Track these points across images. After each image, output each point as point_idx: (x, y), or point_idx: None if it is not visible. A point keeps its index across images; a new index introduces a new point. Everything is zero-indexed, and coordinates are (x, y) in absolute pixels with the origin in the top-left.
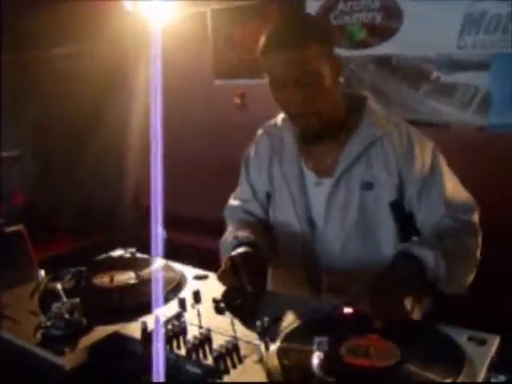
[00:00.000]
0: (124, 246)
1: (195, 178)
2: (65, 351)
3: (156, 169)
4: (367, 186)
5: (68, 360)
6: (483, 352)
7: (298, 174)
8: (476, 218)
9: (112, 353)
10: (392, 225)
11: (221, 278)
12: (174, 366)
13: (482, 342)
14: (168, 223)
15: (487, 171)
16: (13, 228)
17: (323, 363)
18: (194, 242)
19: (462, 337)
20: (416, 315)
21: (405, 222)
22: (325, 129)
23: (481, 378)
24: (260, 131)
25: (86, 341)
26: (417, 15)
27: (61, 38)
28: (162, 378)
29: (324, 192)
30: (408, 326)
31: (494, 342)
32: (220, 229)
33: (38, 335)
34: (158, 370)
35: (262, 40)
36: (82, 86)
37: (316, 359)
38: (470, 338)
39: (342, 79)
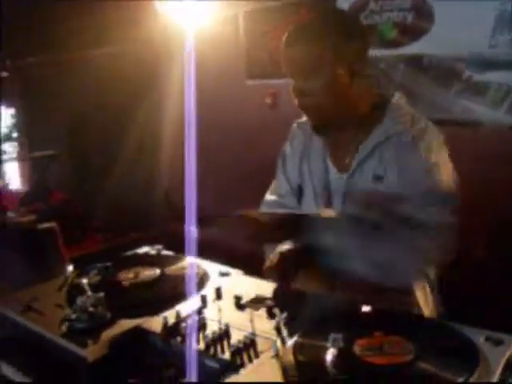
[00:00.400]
0: (155, 244)
1: (227, 178)
2: (88, 343)
3: (190, 168)
4: (378, 178)
5: (91, 352)
6: (499, 352)
7: (322, 169)
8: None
9: (134, 346)
10: None
11: (269, 272)
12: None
13: (499, 342)
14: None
15: None
16: (45, 225)
17: (337, 360)
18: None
19: (478, 337)
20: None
21: None
22: (329, 121)
23: (495, 377)
24: (294, 126)
25: (109, 334)
26: (448, 14)
27: (96, 39)
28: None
29: (341, 187)
30: (423, 323)
31: (511, 342)
32: None
33: (63, 327)
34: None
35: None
36: (116, 86)
37: (330, 356)
38: (487, 339)
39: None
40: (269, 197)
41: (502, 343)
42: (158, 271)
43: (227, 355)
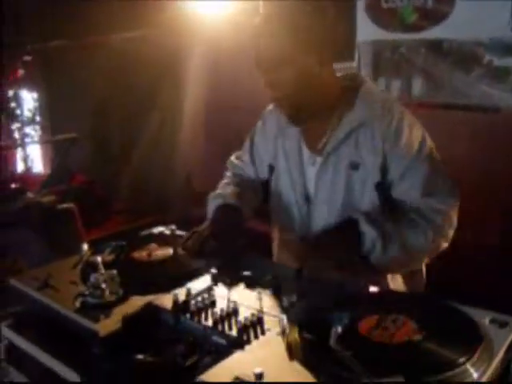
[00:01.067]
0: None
1: None
2: (100, 318)
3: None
4: (354, 166)
5: (102, 327)
6: (503, 333)
7: (297, 151)
8: (450, 210)
9: (145, 322)
10: (377, 205)
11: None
12: (201, 336)
13: (504, 324)
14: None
15: None
16: (64, 205)
17: (341, 337)
18: None
19: (483, 318)
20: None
21: (390, 203)
22: (303, 112)
23: (498, 358)
24: (270, 107)
25: (121, 310)
26: None
27: (118, 24)
28: None
29: (315, 170)
30: (429, 304)
31: None
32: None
33: (77, 303)
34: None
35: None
36: (138, 70)
37: (334, 333)
38: (492, 320)
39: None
40: (234, 159)
41: (507, 325)
42: (170, 250)
43: (234, 332)
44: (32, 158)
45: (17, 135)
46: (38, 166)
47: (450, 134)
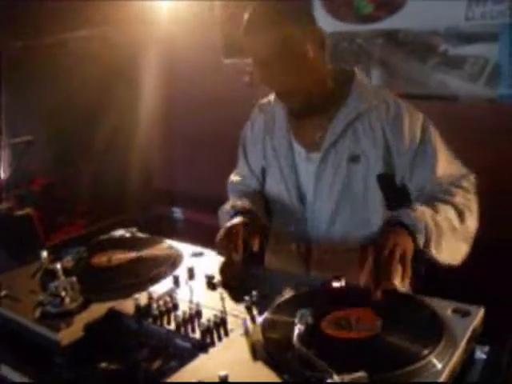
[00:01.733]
0: (134, 226)
1: (206, 156)
2: (61, 327)
3: (171, 149)
4: (354, 159)
5: (64, 336)
6: (465, 323)
7: (287, 149)
8: (469, 185)
9: (108, 329)
10: (380, 198)
11: (219, 246)
12: (165, 340)
13: (466, 314)
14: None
15: (497, 143)
16: (22, 211)
17: (302, 335)
18: (196, 219)
19: (446, 309)
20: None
21: (394, 195)
22: (311, 104)
23: (461, 347)
24: (255, 109)
25: (82, 317)
26: None
27: (74, 23)
28: None
29: (313, 167)
30: (390, 297)
31: (478, 314)
32: None
33: (37, 313)
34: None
35: (244, 22)
36: (92, 70)
37: (296, 331)
38: (454, 310)
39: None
40: (233, 177)
41: (469, 314)
42: (131, 254)
43: (198, 334)
44: None
45: None
46: None
47: None
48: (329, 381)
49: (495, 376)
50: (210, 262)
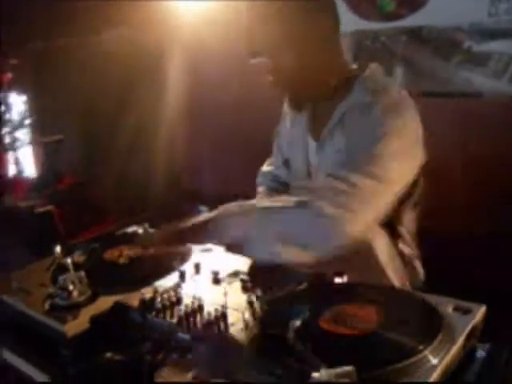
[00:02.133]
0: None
1: (232, 156)
2: (67, 319)
3: (198, 149)
4: (338, 151)
5: (69, 327)
6: (465, 320)
7: (301, 140)
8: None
9: (113, 321)
10: None
11: None
12: (167, 333)
13: (467, 311)
14: (206, 201)
15: None
16: (43, 208)
17: (298, 330)
18: None
19: (446, 306)
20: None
21: None
22: (305, 96)
23: (458, 344)
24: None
25: (89, 310)
26: None
27: (103, 24)
28: None
29: (315, 158)
30: (392, 294)
31: (479, 311)
32: None
33: (46, 305)
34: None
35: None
36: (123, 69)
37: (291, 326)
38: (455, 308)
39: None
40: (265, 167)
41: (470, 312)
42: (140, 249)
43: (198, 328)
44: (23, 161)
45: (7, 139)
46: (31, 169)
47: (433, 120)
48: (315, 374)
49: (493, 374)
50: (218, 257)
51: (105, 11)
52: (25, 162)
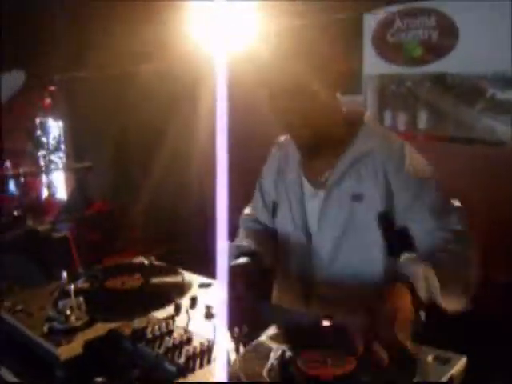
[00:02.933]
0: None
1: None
2: (62, 343)
3: (221, 180)
4: (357, 197)
5: (63, 351)
6: (442, 370)
7: (297, 184)
8: (466, 230)
9: (107, 348)
10: (380, 236)
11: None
12: (154, 363)
13: (446, 361)
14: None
15: None
16: (59, 234)
17: (275, 369)
18: None
19: (427, 354)
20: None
21: (394, 236)
22: (319, 141)
23: None
24: (276, 145)
25: (84, 335)
26: (472, 33)
27: (140, 57)
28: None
29: (318, 203)
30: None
31: (458, 362)
32: None
33: (45, 328)
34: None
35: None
36: (156, 101)
37: (268, 365)
38: (435, 357)
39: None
40: (246, 210)
41: (449, 362)
42: (141, 280)
43: (183, 360)
44: (56, 185)
45: (42, 162)
46: (62, 193)
47: (455, 166)
48: None
49: None
50: (216, 292)
51: (140, 44)
52: (57, 185)
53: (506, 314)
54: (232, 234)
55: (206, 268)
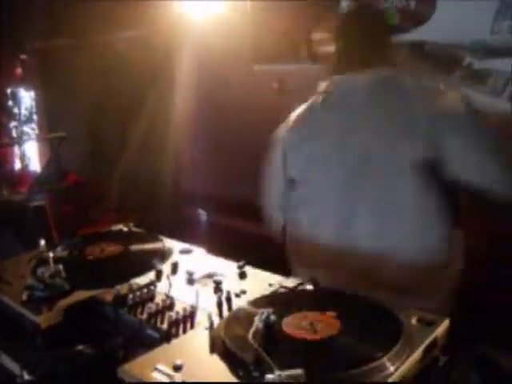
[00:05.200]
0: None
1: (234, 162)
2: (42, 311)
3: (198, 153)
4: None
5: (44, 319)
6: (427, 331)
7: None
8: None
9: (88, 315)
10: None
11: None
12: (137, 329)
13: (430, 323)
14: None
15: None
16: (35, 203)
17: (260, 333)
18: (220, 221)
19: (411, 317)
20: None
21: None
22: None
23: (417, 353)
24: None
25: (64, 303)
26: (450, 1)
27: (111, 24)
28: None
29: None
30: (356, 302)
31: (441, 324)
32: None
33: (24, 296)
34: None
35: None
36: (130, 70)
37: (253, 328)
38: (419, 319)
39: None
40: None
41: (433, 324)
42: (121, 247)
43: (165, 326)
44: (29, 156)
45: (14, 133)
46: (35, 164)
47: None
48: (269, 376)
49: None
50: (197, 258)
51: (115, 13)
52: (30, 157)
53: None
54: (206, 202)
55: (182, 237)
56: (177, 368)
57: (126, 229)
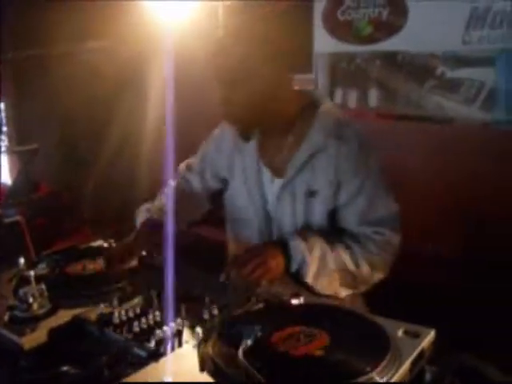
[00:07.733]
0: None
1: None
2: (25, 332)
3: (169, 159)
4: (311, 193)
5: (27, 340)
6: (413, 343)
7: (255, 169)
8: (388, 239)
9: (71, 335)
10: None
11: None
12: (123, 348)
13: (415, 335)
14: None
15: (489, 167)
16: (11, 219)
17: (249, 349)
18: (198, 231)
19: (397, 329)
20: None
21: None
22: (255, 128)
23: (406, 366)
24: (225, 125)
25: (47, 323)
26: (422, 11)
27: (83, 35)
28: None
29: (275, 190)
30: (342, 316)
31: (427, 335)
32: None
33: (6, 317)
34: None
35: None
36: (101, 80)
37: (242, 346)
38: (405, 331)
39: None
40: (182, 164)
41: (419, 336)
42: (103, 264)
43: (153, 344)
44: None
45: None
46: (5, 176)
47: (405, 144)
48: None
49: None
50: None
51: (87, 23)
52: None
53: (465, 288)
54: None
55: None
56: None
57: (106, 245)
